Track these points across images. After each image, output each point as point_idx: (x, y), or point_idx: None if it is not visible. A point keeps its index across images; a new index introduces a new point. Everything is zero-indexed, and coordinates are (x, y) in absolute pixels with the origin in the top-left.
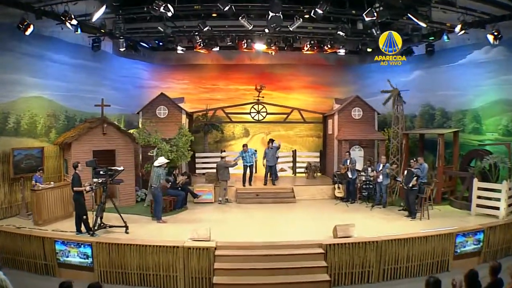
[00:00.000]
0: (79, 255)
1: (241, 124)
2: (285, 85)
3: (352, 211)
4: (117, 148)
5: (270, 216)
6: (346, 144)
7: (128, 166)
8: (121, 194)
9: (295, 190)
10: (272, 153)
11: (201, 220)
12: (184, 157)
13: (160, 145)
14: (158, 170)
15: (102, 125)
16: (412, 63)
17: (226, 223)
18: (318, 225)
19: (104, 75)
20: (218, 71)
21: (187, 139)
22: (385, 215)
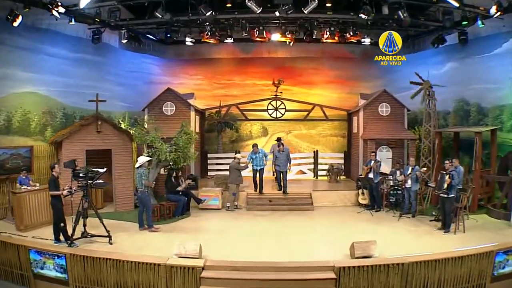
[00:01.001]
0: (56, 267)
1: (259, 122)
2: (307, 80)
3: (376, 222)
4: (113, 148)
5: (281, 226)
6: (372, 144)
7: (126, 168)
8: (118, 198)
9: (313, 196)
10: (283, 157)
11: (201, 230)
12: (188, 158)
13: (157, 145)
14: (138, 171)
15: (96, 122)
16: (444, 54)
17: (228, 234)
18: (335, 239)
19: (108, 70)
20: (234, 65)
21: (189, 138)
22: (414, 227)
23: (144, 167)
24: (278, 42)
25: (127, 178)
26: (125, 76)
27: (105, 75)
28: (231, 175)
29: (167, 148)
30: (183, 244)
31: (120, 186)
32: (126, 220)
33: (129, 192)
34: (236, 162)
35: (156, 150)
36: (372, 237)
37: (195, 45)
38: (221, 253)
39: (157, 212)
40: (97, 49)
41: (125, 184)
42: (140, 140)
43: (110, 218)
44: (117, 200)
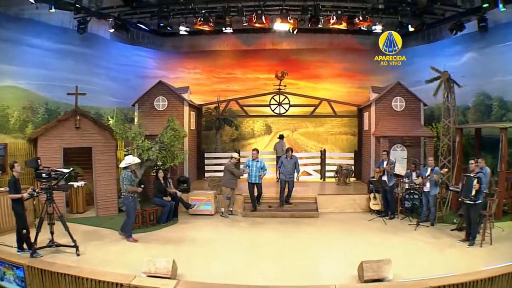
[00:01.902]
0: (16, 279)
1: (262, 119)
2: (314, 73)
3: (390, 231)
4: (94, 146)
5: (279, 237)
6: (385, 142)
7: (109, 168)
8: (100, 201)
9: (319, 200)
10: (290, 165)
11: (184, 240)
12: (175, 158)
13: (138, 142)
14: (122, 173)
15: (75, 118)
16: (462, 43)
17: (215, 247)
18: (341, 254)
19: (97, 63)
20: (235, 58)
21: (175, 134)
22: (434, 238)
23: (130, 170)
24: (283, 33)
25: (110, 179)
26: (116, 69)
27: (93, 68)
28: (225, 177)
29: (150, 145)
30: (153, 261)
31: (102, 189)
32: (105, 227)
33: (112, 195)
34: (232, 162)
35: (137, 148)
36: (385, 252)
37: (193, 37)
38: (202, 272)
39: (139, 219)
40: (85, 40)
41: (107, 186)
42: (121, 136)
43: (88, 224)
44: (98, 204)
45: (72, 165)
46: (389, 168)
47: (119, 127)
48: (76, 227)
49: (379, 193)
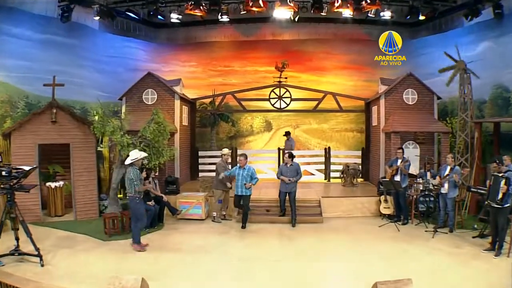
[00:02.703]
0: None
1: (262, 114)
2: (317, 66)
3: (405, 240)
4: (72, 142)
5: (277, 247)
6: (396, 138)
7: (88, 166)
8: (79, 204)
9: (323, 203)
10: (291, 173)
11: (166, 250)
12: (161, 156)
13: (116, 137)
14: (129, 171)
15: (51, 111)
16: (476, 32)
17: (200, 259)
18: (349, 269)
19: (84, 55)
20: (233, 49)
21: (160, 129)
22: (455, 248)
23: (137, 166)
24: (283, 23)
25: (90, 179)
26: (105, 61)
27: (79, 60)
28: (216, 178)
29: (131, 141)
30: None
31: (80, 190)
32: (81, 232)
33: (92, 197)
34: (224, 160)
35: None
36: (402, 266)
37: (189, 28)
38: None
39: (115, 224)
40: (70, 30)
41: (87, 187)
42: (99, 131)
43: (64, 229)
44: (77, 207)
45: (53, 163)
46: (403, 167)
47: (98, 121)
48: (50, 232)
49: (391, 195)
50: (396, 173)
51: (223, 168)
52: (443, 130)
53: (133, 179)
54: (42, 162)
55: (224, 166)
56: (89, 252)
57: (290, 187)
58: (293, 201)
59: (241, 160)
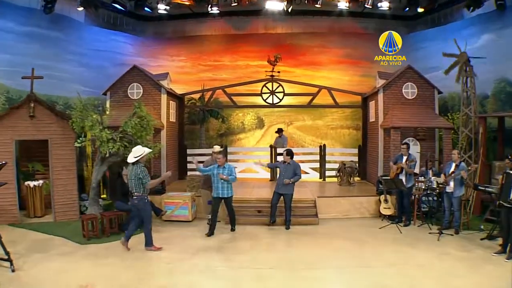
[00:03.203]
0: None
1: (254, 111)
2: (311, 60)
3: (409, 243)
4: (51, 138)
5: (268, 253)
6: (396, 135)
7: (68, 164)
8: (58, 204)
9: (318, 203)
10: (289, 173)
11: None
12: None
13: (95, 132)
14: (136, 168)
15: (29, 105)
16: (478, 24)
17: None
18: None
19: (68, 48)
20: (223, 43)
21: (142, 123)
22: (464, 251)
23: (142, 163)
24: (276, 15)
25: (69, 177)
26: (90, 55)
27: (63, 53)
28: (206, 178)
29: (110, 135)
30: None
31: (60, 189)
32: (58, 235)
33: (72, 197)
34: (214, 158)
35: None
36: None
37: (178, 21)
38: None
39: (94, 226)
40: (55, 22)
41: (66, 186)
42: (78, 126)
43: (42, 231)
44: (56, 207)
45: (33, 161)
46: (407, 168)
47: (77, 115)
48: (27, 234)
49: (391, 194)
50: (401, 171)
51: None
52: (445, 126)
53: (141, 178)
54: (22, 159)
55: (211, 165)
56: (64, 257)
57: (286, 189)
58: (289, 202)
59: (219, 158)
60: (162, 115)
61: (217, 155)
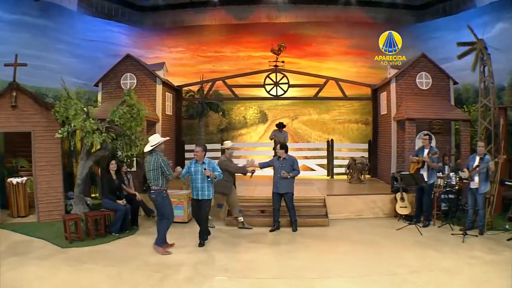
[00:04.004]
0: None
1: (256, 104)
2: (317, 51)
3: (431, 246)
4: (34, 130)
5: (272, 260)
6: (411, 127)
7: (52, 159)
8: (41, 203)
9: (328, 202)
10: (286, 169)
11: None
12: (133, 146)
13: (77, 122)
14: (156, 159)
15: (11, 94)
16: (491, 13)
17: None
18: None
19: (59, 37)
20: (224, 33)
21: (132, 112)
22: (492, 254)
23: (161, 151)
24: (280, 4)
25: (54, 174)
26: (82, 46)
27: (54, 43)
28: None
29: (95, 126)
30: None
31: (43, 186)
32: (39, 237)
33: (57, 195)
34: (228, 155)
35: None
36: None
37: (176, 11)
38: None
39: (77, 227)
40: (45, 11)
41: (50, 183)
42: (61, 116)
43: (22, 232)
44: (40, 206)
45: (18, 156)
46: (429, 161)
47: (61, 104)
48: (6, 235)
49: (407, 192)
50: (423, 165)
51: (227, 165)
52: (462, 118)
53: (163, 167)
54: (6, 155)
55: (227, 164)
56: (42, 261)
57: (284, 187)
58: (291, 202)
59: (197, 152)
60: (158, 107)
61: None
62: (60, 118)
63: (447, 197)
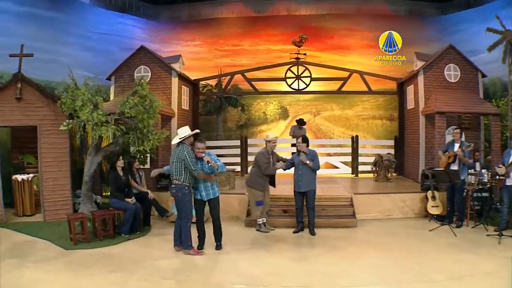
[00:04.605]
0: None
1: (277, 100)
2: (339, 44)
3: (468, 249)
4: (40, 124)
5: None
6: (441, 121)
7: (60, 155)
8: (48, 202)
9: (355, 201)
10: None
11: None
12: (146, 140)
13: (83, 113)
14: (181, 150)
15: (15, 86)
16: None
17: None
18: None
19: (70, 30)
20: (243, 26)
21: (144, 104)
22: None
23: (188, 144)
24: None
25: (61, 170)
26: (95, 39)
27: (65, 36)
28: (252, 173)
29: (103, 118)
30: None
31: (50, 183)
32: (42, 237)
33: (64, 193)
34: (269, 149)
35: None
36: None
37: (193, 4)
38: None
39: (83, 228)
40: (55, 2)
41: (57, 180)
42: (68, 108)
43: (26, 233)
44: (46, 205)
45: (26, 152)
46: (461, 154)
47: (68, 95)
48: (9, 236)
49: (439, 190)
50: (454, 160)
51: (265, 162)
52: (492, 112)
53: (186, 160)
54: (13, 151)
55: (268, 159)
56: (42, 264)
57: (306, 184)
58: (312, 201)
59: (200, 148)
60: (173, 101)
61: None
62: (67, 110)
63: (480, 195)
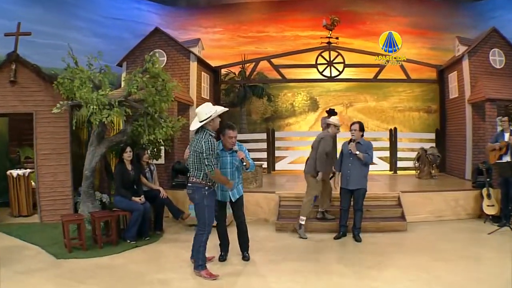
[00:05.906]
0: None
1: (306, 90)
2: (372, 30)
3: None
4: (36, 111)
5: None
6: (492, 110)
7: (59, 146)
8: (44, 201)
9: (403, 201)
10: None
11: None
12: (158, 127)
13: (81, 93)
14: (199, 139)
15: (10, 67)
16: None
17: None
18: None
19: (78, 14)
20: (267, 11)
21: (156, 84)
22: None
23: (213, 130)
24: None
25: (61, 164)
26: (106, 24)
27: (72, 20)
28: (314, 160)
29: (105, 100)
30: None
31: (47, 180)
32: (35, 243)
33: (64, 190)
34: (331, 134)
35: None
36: None
37: None
38: None
39: (80, 232)
40: None
41: (56, 176)
42: (66, 90)
43: (15, 236)
44: (42, 204)
45: (24, 145)
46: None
47: (66, 75)
48: None
49: (494, 187)
50: (506, 151)
51: (328, 146)
52: None
53: (204, 152)
54: (12, 144)
55: (329, 145)
56: (26, 276)
57: (356, 181)
58: (361, 202)
59: (231, 135)
60: (191, 89)
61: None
62: (66, 92)
63: None
